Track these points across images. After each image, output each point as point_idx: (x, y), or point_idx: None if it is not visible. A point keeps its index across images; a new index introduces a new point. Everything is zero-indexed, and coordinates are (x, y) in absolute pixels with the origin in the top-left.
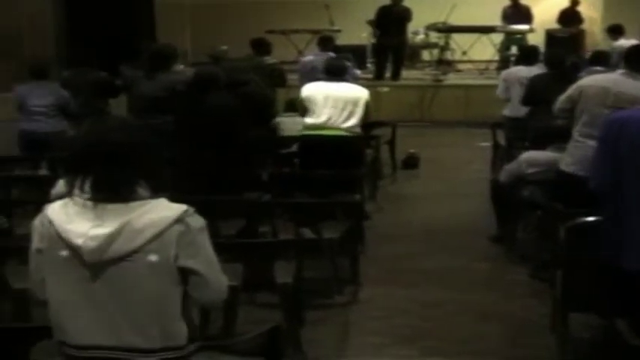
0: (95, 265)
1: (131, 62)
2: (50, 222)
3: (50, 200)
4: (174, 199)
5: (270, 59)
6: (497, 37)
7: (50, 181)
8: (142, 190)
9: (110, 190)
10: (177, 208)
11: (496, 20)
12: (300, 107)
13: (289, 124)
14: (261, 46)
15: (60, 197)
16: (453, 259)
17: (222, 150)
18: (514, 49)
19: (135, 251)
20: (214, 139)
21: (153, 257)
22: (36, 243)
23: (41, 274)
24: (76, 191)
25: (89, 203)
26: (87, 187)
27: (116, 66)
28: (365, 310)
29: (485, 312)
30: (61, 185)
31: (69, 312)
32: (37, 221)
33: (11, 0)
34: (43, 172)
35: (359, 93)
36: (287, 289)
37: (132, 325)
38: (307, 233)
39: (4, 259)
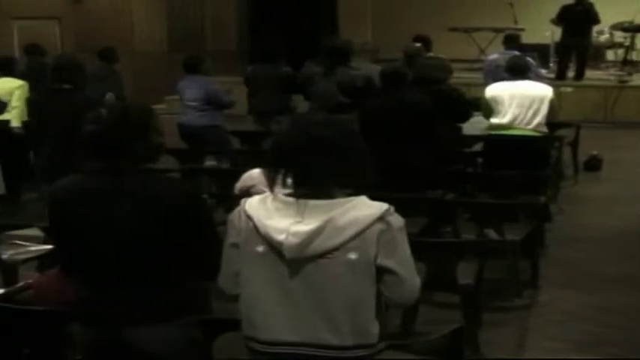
0: (294, 261)
1: (315, 58)
2: (248, 217)
3: (234, 193)
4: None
5: (433, 55)
6: None
7: (228, 175)
8: (340, 187)
9: (312, 186)
10: (379, 207)
11: None
12: (484, 107)
13: (469, 123)
14: (425, 43)
15: (242, 190)
16: (634, 264)
17: (409, 147)
18: None
19: (335, 249)
20: (401, 135)
21: (352, 255)
22: (232, 237)
23: (234, 269)
24: (277, 187)
25: (290, 199)
26: (288, 182)
27: (300, 61)
28: (544, 313)
29: None
30: (244, 179)
31: (261, 307)
32: (233, 215)
33: None
34: (211, 163)
35: (544, 91)
36: (468, 291)
37: (325, 322)
38: (491, 234)
39: None
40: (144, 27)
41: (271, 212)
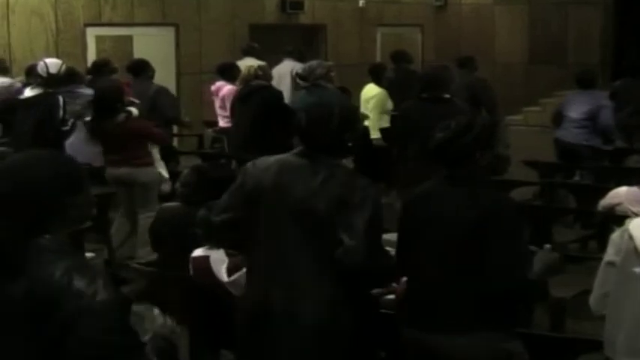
0: None
1: None
2: (630, 237)
3: (596, 209)
4: None
5: None
6: None
7: (589, 190)
8: None
9: None
10: None
11: None
12: None
13: None
14: None
15: (607, 207)
16: None
17: None
18: None
19: None
20: None
21: None
22: (609, 256)
23: (605, 288)
24: None
25: None
26: None
27: None
28: None
29: None
30: (610, 196)
31: (622, 330)
32: (616, 234)
33: (562, 9)
34: (578, 179)
35: None
36: None
37: None
38: None
39: None
40: (506, 38)
41: None
